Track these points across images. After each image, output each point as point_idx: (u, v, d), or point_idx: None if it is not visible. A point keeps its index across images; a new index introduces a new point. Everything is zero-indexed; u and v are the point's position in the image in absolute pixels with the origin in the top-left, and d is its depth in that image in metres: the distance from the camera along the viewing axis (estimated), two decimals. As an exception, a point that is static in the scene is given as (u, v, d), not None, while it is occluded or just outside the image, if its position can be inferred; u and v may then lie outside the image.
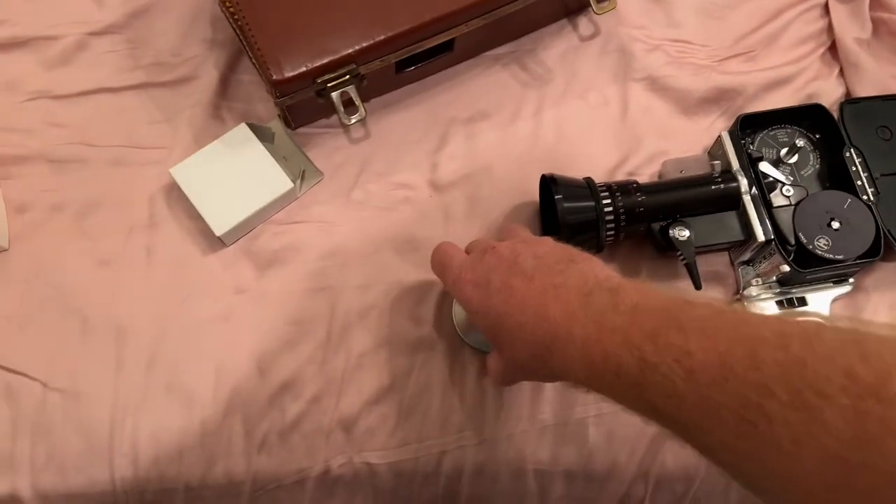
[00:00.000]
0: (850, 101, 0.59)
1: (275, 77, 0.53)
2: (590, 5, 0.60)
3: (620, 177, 0.61)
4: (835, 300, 0.57)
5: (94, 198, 0.59)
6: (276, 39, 0.53)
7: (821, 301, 0.56)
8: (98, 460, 0.53)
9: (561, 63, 0.64)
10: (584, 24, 0.65)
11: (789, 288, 0.56)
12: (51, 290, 0.56)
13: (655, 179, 0.61)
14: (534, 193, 0.59)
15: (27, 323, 0.55)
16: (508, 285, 0.42)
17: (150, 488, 0.53)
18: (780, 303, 0.56)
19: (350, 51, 0.54)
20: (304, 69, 0.53)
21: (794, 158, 0.58)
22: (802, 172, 0.58)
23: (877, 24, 0.63)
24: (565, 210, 0.53)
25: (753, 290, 0.56)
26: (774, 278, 0.56)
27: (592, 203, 0.54)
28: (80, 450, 0.53)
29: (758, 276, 0.57)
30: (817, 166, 0.58)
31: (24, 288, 0.56)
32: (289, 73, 0.53)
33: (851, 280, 0.57)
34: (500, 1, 0.57)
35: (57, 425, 0.53)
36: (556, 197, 0.53)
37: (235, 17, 0.54)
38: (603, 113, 0.63)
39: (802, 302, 0.56)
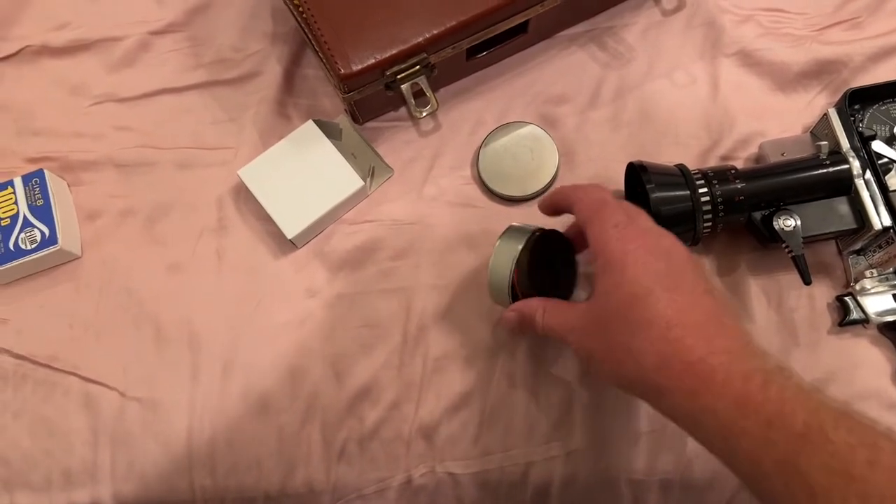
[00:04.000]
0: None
1: (343, 71, 0.50)
2: (674, -24, 0.55)
3: (713, 162, 0.56)
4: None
5: (162, 202, 0.58)
6: (343, 31, 0.51)
7: (945, 292, 0.51)
8: (177, 469, 0.52)
9: (643, 40, 0.59)
10: (669, -4, 0.60)
11: (908, 280, 0.51)
12: (124, 297, 0.56)
13: (753, 164, 0.56)
14: (619, 182, 0.55)
15: (103, 331, 0.55)
16: (678, 283, 0.39)
17: (229, 497, 0.52)
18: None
19: (420, 39, 0.51)
20: (372, 61, 0.50)
21: (911, 135, 0.52)
22: (919, 151, 0.52)
23: None
24: (658, 200, 0.49)
25: (867, 283, 0.51)
26: (892, 269, 0.50)
27: (687, 192, 0.50)
28: (160, 458, 0.52)
29: (871, 266, 0.52)
30: (935, 143, 0.52)
31: (98, 296, 0.55)
32: (357, 67, 0.50)
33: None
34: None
35: (136, 434, 0.53)
36: (647, 186, 0.49)
37: (300, 9, 0.52)
38: (691, 92, 0.58)
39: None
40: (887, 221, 0.49)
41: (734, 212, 0.50)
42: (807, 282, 0.49)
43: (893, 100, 0.53)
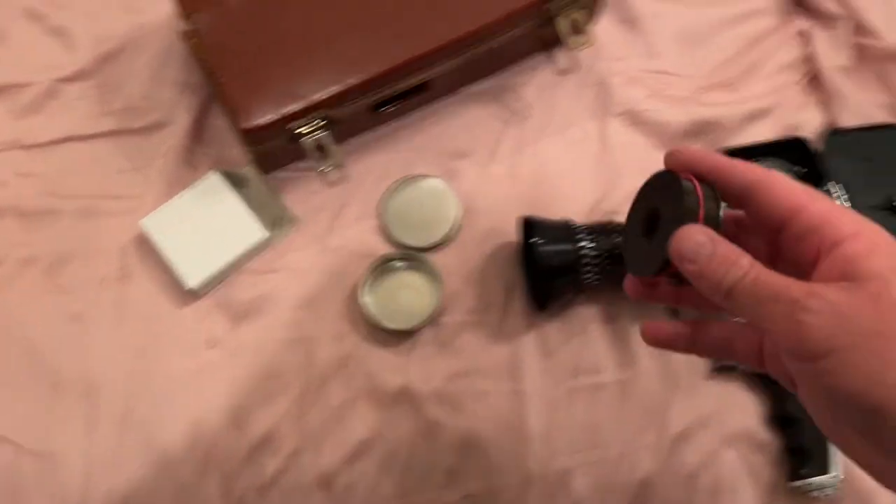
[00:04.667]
0: (832, 133, 0.57)
1: (244, 125, 0.52)
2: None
3: (600, 215, 0.59)
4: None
5: (65, 250, 0.58)
6: (245, 86, 0.52)
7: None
8: (72, 525, 0.51)
9: (539, 98, 0.63)
10: (562, 57, 0.64)
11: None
12: (23, 346, 0.55)
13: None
14: (514, 234, 0.58)
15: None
16: None
17: (125, 552, 0.52)
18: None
19: (321, 96, 0.53)
20: (273, 117, 0.52)
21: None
22: (787, 206, 0.57)
23: (860, 51, 0.62)
24: (542, 254, 0.52)
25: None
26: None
27: (571, 246, 0.53)
28: (54, 514, 0.51)
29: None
30: (802, 200, 0.57)
31: (-6, 346, 0.55)
32: (258, 122, 0.52)
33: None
34: (473, 41, 0.55)
35: (30, 489, 0.52)
36: (532, 240, 0.52)
37: (204, 60, 0.53)
38: (582, 149, 0.62)
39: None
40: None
41: (617, 264, 0.53)
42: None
43: (764, 159, 0.58)
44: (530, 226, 0.53)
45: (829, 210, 0.31)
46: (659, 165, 0.61)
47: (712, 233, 0.32)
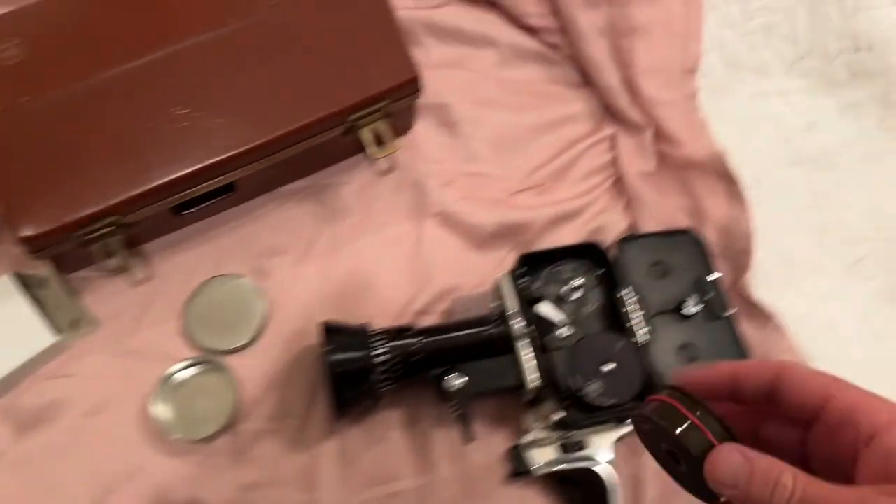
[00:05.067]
0: (627, 238, 0.60)
1: (21, 234, 0.50)
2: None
3: (409, 316, 0.60)
4: (619, 440, 0.56)
5: None
6: (23, 191, 0.51)
7: (603, 442, 0.56)
8: None
9: (358, 197, 0.64)
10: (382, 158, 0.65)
11: (570, 431, 0.56)
12: None
13: (445, 318, 0.60)
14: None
15: None
16: None
17: None
18: (563, 446, 0.56)
19: (109, 203, 0.52)
20: (55, 225, 0.51)
21: (578, 295, 0.58)
22: (585, 310, 0.58)
23: (661, 157, 0.65)
24: (335, 362, 0.52)
25: (533, 436, 0.55)
26: (552, 423, 0.55)
27: (365, 353, 0.53)
28: None
29: (537, 419, 0.56)
30: (599, 304, 0.59)
31: None
32: (37, 230, 0.51)
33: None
34: (274, 148, 0.56)
35: None
36: (326, 348, 0.52)
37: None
38: (398, 249, 0.62)
39: (581, 446, 0.56)
40: (538, 381, 0.53)
41: (412, 371, 0.54)
42: (465, 441, 0.52)
43: (565, 262, 0.60)
44: (327, 332, 0.53)
45: (860, 398, 0.29)
46: (471, 267, 0.63)
47: (746, 450, 0.29)
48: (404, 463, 0.56)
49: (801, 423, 0.31)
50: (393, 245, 0.62)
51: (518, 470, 0.55)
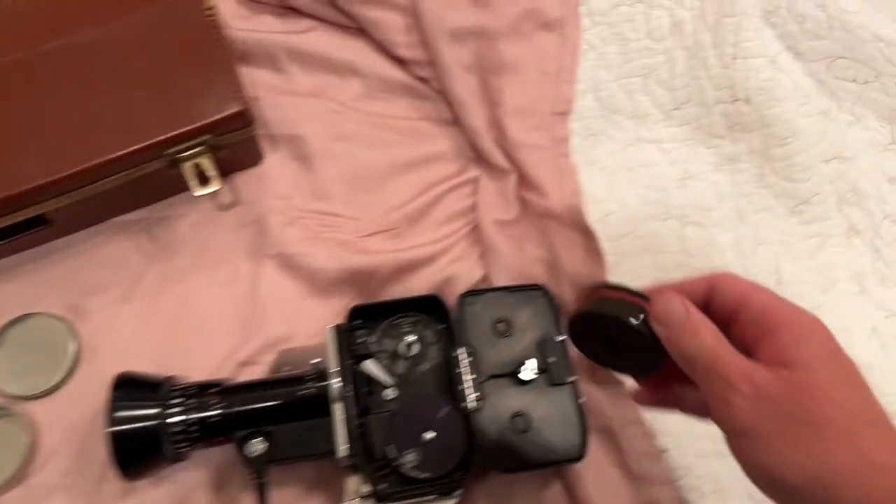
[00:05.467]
0: (469, 293, 0.55)
1: None
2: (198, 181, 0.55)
3: (232, 367, 0.55)
4: (441, 516, 0.52)
5: None
6: None
7: (424, 518, 0.52)
8: None
9: (194, 233, 0.59)
10: (224, 190, 0.61)
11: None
12: None
13: (271, 370, 0.56)
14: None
15: None
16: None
17: None
18: (378, 518, 0.51)
19: None
20: None
21: (414, 352, 0.54)
22: (420, 369, 0.54)
23: (524, 205, 0.61)
24: (120, 419, 0.48)
25: (349, 505, 0.51)
26: (366, 493, 0.51)
27: (154, 412, 0.48)
28: None
29: (358, 488, 0.52)
30: (436, 362, 0.55)
31: None
32: None
33: (458, 492, 0.53)
34: (86, 179, 0.52)
35: None
36: (112, 405, 0.48)
37: None
38: (230, 292, 0.58)
39: (399, 518, 0.51)
40: (351, 450, 0.49)
41: (210, 434, 0.49)
42: (262, 512, 0.48)
43: (406, 315, 0.56)
44: (117, 385, 0.49)
45: (770, 300, 0.35)
46: (309, 315, 0.59)
47: (688, 302, 0.36)
48: (206, 528, 0.51)
49: (724, 324, 0.36)
50: (225, 287, 0.58)
51: (349, 530, 0.51)
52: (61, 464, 0.52)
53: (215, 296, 0.58)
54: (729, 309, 0.36)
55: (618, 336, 0.41)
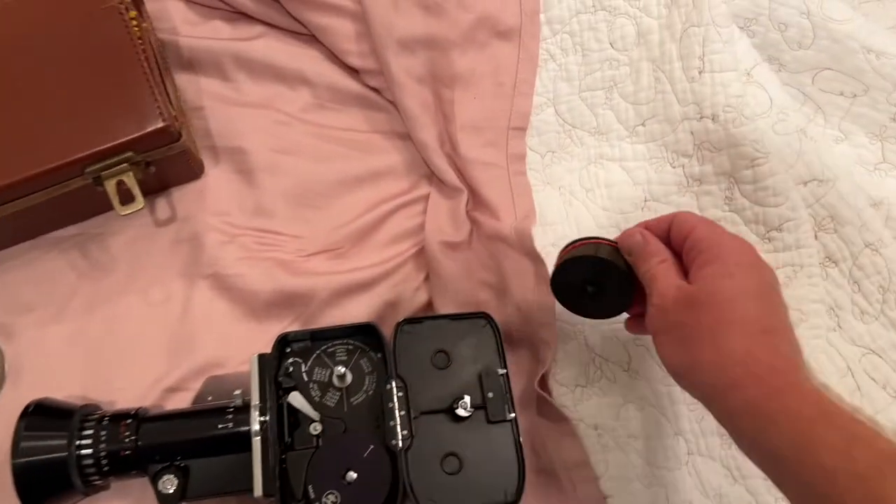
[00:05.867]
0: (407, 321, 0.52)
1: None
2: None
3: (158, 393, 0.53)
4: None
5: None
6: None
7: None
8: None
9: (127, 251, 0.57)
10: (162, 205, 0.58)
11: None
12: None
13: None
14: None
15: None
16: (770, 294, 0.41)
17: None
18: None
19: None
20: None
21: (347, 382, 0.51)
22: (353, 400, 0.51)
23: (474, 226, 0.58)
24: (23, 451, 0.46)
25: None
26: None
27: (62, 443, 0.46)
28: None
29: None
30: (370, 392, 0.52)
31: None
32: None
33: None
34: (5, 197, 0.49)
35: None
36: (21, 434, 0.46)
37: None
38: (161, 312, 0.56)
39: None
40: (268, 489, 0.46)
41: (122, 468, 0.47)
42: (173, 557, 0.46)
43: (343, 342, 0.53)
44: (26, 413, 0.47)
45: (706, 229, 0.43)
46: (244, 338, 0.56)
47: (647, 233, 0.45)
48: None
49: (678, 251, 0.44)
50: (157, 308, 0.56)
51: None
52: (-23, 494, 0.50)
53: (146, 317, 0.56)
54: (680, 239, 0.44)
55: (595, 275, 0.48)
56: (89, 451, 0.46)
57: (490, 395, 0.51)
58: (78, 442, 0.46)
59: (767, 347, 0.38)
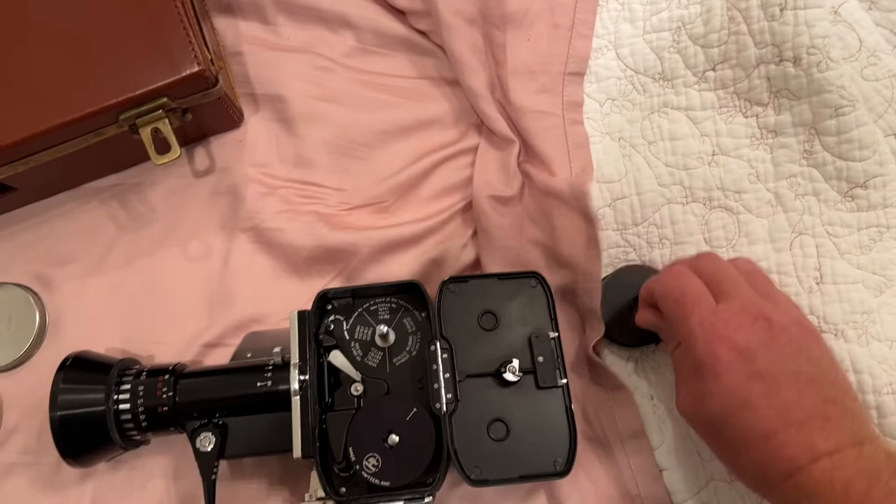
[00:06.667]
0: (453, 279, 0.49)
1: None
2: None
3: (197, 348, 0.52)
4: (405, 525, 0.48)
5: None
6: None
7: (386, 527, 0.47)
8: None
9: (166, 202, 0.55)
10: (200, 155, 0.56)
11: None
12: None
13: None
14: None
15: None
16: (778, 380, 0.37)
17: None
18: (341, 523, 0.47)
19: None
20: None
21: (390, 342, 0.49)
22: (396, 360, 0.49)
23: (526, 179, 0.54)
24: (61, 403, 0.45)
25: (307, 506, 0.47)
26: (321, 497, 0.47)
27: (100, 397, 0.45)
28: None
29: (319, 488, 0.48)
30: (414, 353, 0.49)
31: None
32: None
33: (429, 500, 0.48)
34: (37, 146, 0.48)
35: None
36: (58, 387, 0.45)
37: None
38: (201, 267, 0.54)
39: (365, 525, 0.47)
40: (307, 451, 0.45)
41: (160, 423, 0.46)
42: (208, 512, 0.45)
43: (385, 299, 0.50)
44: (64, 365, 0.46)
45: (683, 340, 0.41)
46: (285, 294, 0.54)
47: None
48: (161, 519, 0.49)
49: None
50: (196, 262, 0.54)
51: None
52: (21, 442, 0.50)
53: (185, 271, 0.54)
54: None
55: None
56: (127, 405, 0.46)
57: (540, 359, 0.48)
58: (115, 396, 0.46)
59: (775, 456, 0.36)
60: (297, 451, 0.45)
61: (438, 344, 0.47)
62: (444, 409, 0.46)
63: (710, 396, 0.38)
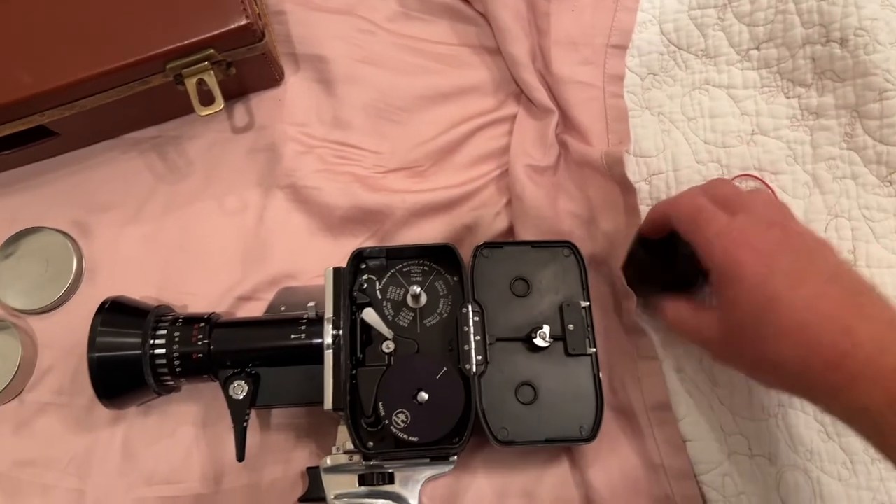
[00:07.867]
0: (486, 245, 0.50)
1: None
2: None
3: (231, 301, 0.53)
4: (428, 480, 0.48)
5: None
6: None
7: (410, 480, 0.48)
8: None
9: (205, 156, 0.56)
10: (240, 112, 0.57)
11: (376, 462, 0.48)
12: None
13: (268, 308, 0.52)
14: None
15: None
16: (801, 274, 0.37)
17: None
18: (363, 477, 0.48)
19: None
20: None
21: (422, 303, 0.50)
22: (427, 321, 0.50)
23: (563, 150, 0.54)
24: (98, 345, 0.46)
25: (333, 460, 0.48)
26: (349, 451, 0.47)
27: (136, 341, 0.46)
28: None
29: (346, 441, 0.49)
30: (444, 315, 0.50)
31: None
32: None
33: (454, 458, 0.48)
34: (83, 91, 0.48)
35: None
36: (97, 329, 0.46)
37: None
38: (237, 221, 0.55)
39: (389, 479, 0.48)
40: (338, 403, 0.45)
41: (194, 370, 0.47)
42: (239, 459, 0.46)
43: (418, 262, 0.51)
44: (102, 309, 0.47)
45: (703, 254, 0.40)
46: (318, 252, 0.55)
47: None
48: (189, 465, 0.50)
49: None
50: (232, 216, 0.55)
51: (311, 495, 0.48)
52: (55, 383, 0.51)
53: (221, 224, 0.55)
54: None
55: (668, 252, 0.45)
56: (162, 350, 0.46)
57: (571, 327, 0.48)
58: (152, 341, 0.46)
59: (815, 346, 0.35)
60: (328, 403, 0.45)
61: (470, 307, 0.48)
62: (474, 370, 0.46)
63: (737, 304, 0.38)
